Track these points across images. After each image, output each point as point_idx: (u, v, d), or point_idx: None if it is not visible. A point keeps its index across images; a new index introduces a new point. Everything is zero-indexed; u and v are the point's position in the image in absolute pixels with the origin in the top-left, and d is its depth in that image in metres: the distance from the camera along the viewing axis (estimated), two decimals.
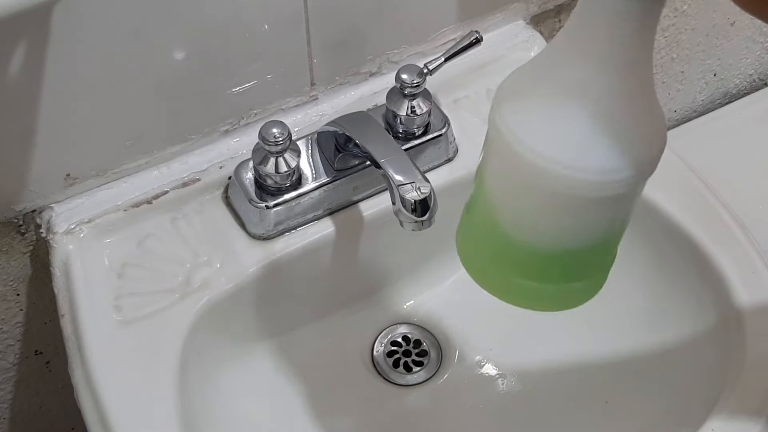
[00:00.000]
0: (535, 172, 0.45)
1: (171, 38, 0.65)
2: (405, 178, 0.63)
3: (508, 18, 0.83)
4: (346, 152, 0.70)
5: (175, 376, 0.63)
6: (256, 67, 0.71)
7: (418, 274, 0.80)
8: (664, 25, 1.02)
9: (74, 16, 0.60)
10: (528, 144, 0.45)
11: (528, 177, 0.46)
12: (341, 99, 0.77)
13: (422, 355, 0.78)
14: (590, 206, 0.47)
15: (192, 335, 0.66)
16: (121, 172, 0.72)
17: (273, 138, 0.66)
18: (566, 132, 0.44)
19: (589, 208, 0.47)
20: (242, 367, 0.73)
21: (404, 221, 0.63)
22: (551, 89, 0.45)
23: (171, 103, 0.69)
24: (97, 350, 0.64)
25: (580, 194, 0.46)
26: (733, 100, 1.20)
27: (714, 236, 0.70)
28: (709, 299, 0.69)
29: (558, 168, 0.45)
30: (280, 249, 0.70)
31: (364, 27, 0.74)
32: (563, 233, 0.48)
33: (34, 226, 0.72)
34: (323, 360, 0.76)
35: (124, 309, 0.66)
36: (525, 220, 0.48)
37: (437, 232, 0.67)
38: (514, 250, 0.50)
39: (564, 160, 0.45)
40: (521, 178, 0.47)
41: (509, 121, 0.46)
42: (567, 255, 0.49)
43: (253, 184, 0.70)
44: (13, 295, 0.77)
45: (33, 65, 0.61)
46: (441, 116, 0.75)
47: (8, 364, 0.83)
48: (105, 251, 0.69)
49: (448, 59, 0.72)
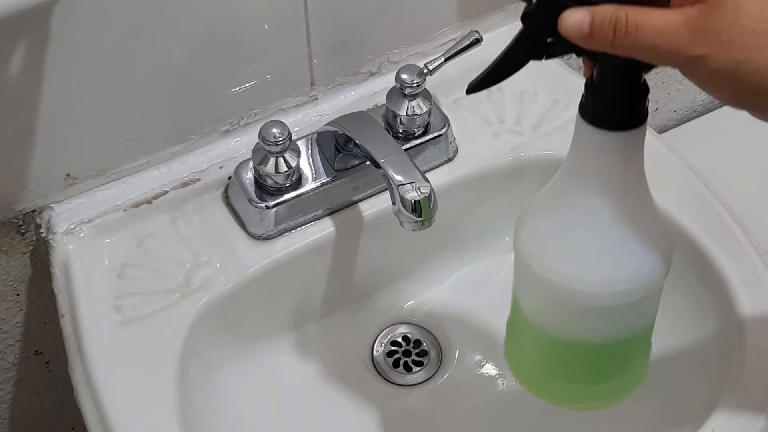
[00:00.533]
0: (562, 292, 0.52)
1: (171, 38, 0.65)
2: (405, 178, 0.63)
3: (508, 18, 0.83)
4: (346, 152, 0.70)
5: (175, 376, 0.63)
6: (256, 67, 0.71)
7: (418, 274, 0.80)
8: None
9: (74, 16, 0.60)
10: (547, 267, 0.52)
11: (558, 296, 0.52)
12: (341, 99, 0.77)
13: (422, 355, 0.78)
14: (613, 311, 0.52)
15: (192, 335, 0.66)
16: (121, 172, 0.72)
17: (273, 138, 0.66)
18: (579, 253, 0.50)
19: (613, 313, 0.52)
20: (242, 367, 0.73)
21: (404, 221, 0.63)
22: (560, 217, 0.51)
23: (171, 103, 0.69)
24: (97, 350, 0.64)
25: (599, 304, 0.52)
26: None
27: (714, 236, 0.70)
28: (709, 299, 0.69)
29: (581, 286, 0.51)
30: (280, 249, 0.70)
31: (364, 27, 0.74)
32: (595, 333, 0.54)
33: (34, 226, 0.72)
34: (323, 360, 0.76)
35: (124, 309, 0.66)
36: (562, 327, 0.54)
37: (437, 232, 0.67)
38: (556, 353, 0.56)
39: (585, 279, 0.51)
40: (553, 298, 0.53)
41: (529, 249, 0.53)
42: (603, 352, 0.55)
43: (253, 184, 0.70)
44: (13, 295, 0.77)
45: (33, 65, 0.61)
46: (441, 116, 0.75)
47: (8, 364, 0.83)
48: (105, 251, 0.69)
49: (448, 59, 0.72)
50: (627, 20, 0.42)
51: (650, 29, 0.41)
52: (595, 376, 0.57)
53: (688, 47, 0.41)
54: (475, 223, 0.79)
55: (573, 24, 0.43)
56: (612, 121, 0.47)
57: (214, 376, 0.70)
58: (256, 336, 0.74)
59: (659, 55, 0.42)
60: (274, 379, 0.74)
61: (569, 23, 0.43)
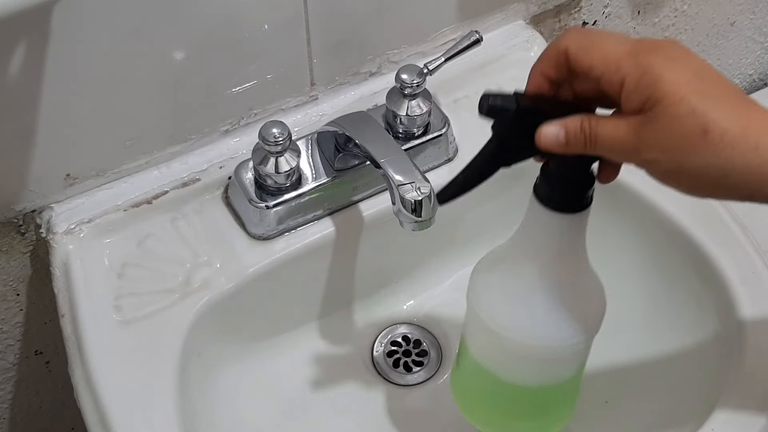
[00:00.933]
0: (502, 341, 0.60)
1: (171, 38, 0.65)
2: (405, 178, 0.63)
3: (508, 18, 0.83)
4: (346, 152, 0.70)
5: (175, 376, 0.63)
6: (256, 67, 0.71)
7: (418, 274, 0.80)
8: (664, 25, 1.02)
9: (74, 16, 0.60)
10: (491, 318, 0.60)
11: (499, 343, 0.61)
12: (341, 99, 0.77)
13: (422, 355, 0.78)
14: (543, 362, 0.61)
15: (192, 335, 0.66)
16: (121, 172, 0.72)
17: (273, 138, 0.66)
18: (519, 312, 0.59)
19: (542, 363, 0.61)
20: (242, 367, 0.73)
21: (404, 221, 0.63)
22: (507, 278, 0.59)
23: (171, 103, 0.69)
24: (97, 350, 0.64)
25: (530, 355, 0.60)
26: None
27: (714, 236, 0.70)
28: (709, 299, 0.69)
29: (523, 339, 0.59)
30: (280, 249, 0.70)
31: (364, 27, 0.74)
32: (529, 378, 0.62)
33: (34, 226, 0.72)
34: (323, 360, 0.76)
35: (124, 309, 0.66)
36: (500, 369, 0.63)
37: (437, 232, 0.67)
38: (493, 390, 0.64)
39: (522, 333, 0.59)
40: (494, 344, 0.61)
41: (479, 299, 0.61)
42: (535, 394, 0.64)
43: (253, 184, 0.70)
44: (13, 295, 0.77)
45: (33, 65, 0.61)
46: (441, 116, 0.75)
47: (8, 364, 0.83)
48: (105, 251, 0.69)
49: (448, 59, 0.72)
50: (590, 129, 0.48)
51: (607, 138, 0.48)
52: (524, 413, 0.65)
53: (640, 152, 0.47)
54: (475, 223, 0.79)
55: (550, 137, 0.50)
56: (561, 206, 0.54)
57: (214, 376, 0.70)
58: (256, 336, 0.74)
59: (619, 157, 0.49)
60: (274, 379, 0.74)
61: (547, 137, 0.50)
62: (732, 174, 0.46)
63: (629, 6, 0.96)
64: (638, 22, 0.99)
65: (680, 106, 0.46)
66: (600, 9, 0.93)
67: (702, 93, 0.46)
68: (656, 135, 0.46)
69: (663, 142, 0.46)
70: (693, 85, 0.46)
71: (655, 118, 0.46)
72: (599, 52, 0.49)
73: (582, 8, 0.91)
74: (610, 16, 0.95)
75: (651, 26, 1.01)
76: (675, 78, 0.46)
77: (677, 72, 0.46)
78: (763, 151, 0.45)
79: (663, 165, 0.47)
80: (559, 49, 0.50)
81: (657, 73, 0.46)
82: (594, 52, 0.49)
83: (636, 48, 0.48)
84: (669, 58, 0.47)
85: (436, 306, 0.80)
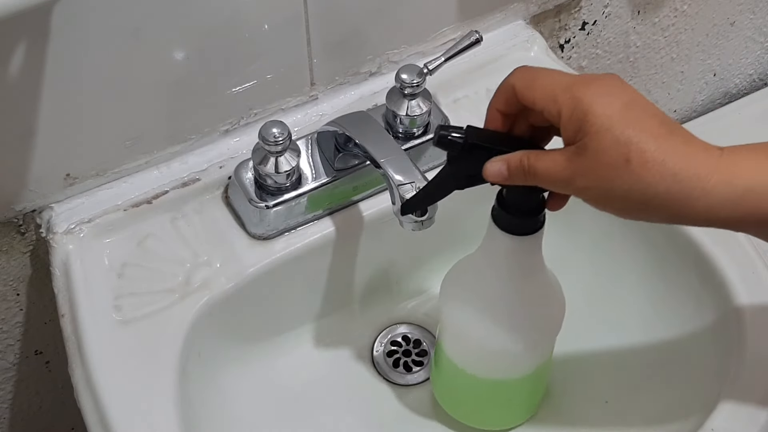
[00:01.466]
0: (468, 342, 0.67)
1: (171, 38, 0.65)
2: (405, 178, 0.63)
3: (508, 18, 0.83)
4: (346, 152, 0.70)
5: (175, 376, 0.63)
6: (256, 67, 0.71)
7: (418, 274, 0.80)
8: (664, 25, 1.02)
9: (74, 16, 0.60)
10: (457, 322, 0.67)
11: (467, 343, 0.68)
12: (341, 99, 0.77)
13: (422, 355, 0.78)
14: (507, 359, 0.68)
15: (192, 335, 0.66)
16: (121, 172, 0.72)
17: (273, 138, 0.66)
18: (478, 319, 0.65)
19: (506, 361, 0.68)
20: (242, 367, 0.73)
21: (404, 221, 0.63)
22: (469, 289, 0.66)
23: (171, 103, 0.69)
24: (97, 350, 0.64)
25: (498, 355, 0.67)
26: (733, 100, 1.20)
27: (714, 236, 0.70)
28: (709, 299, 0.69)
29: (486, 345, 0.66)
30: (280, 249, 0.70)
31: (364, 27, 0.74)
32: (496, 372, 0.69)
33: (34, 226, 0.72)
34: (323, 360, 0.76)
35: (124, 309, 0.66)
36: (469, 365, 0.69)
37: (437, 232, 0.67)
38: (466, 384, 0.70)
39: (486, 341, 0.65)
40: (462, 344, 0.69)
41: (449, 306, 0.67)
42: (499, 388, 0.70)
43: (253, 184, 0.70)
44: (13, 295, 0.77)
45: (33, 65, 0.61)
46: (441, 116, 0.75)
47: (8, 364, 0.83)
48: (105, 251, 0.69)
49: (448, 59, 0.72)
50: (529, 165, 0.53)
51: (543, 171, 0.53)
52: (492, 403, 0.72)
53: (573, 182, 0.52)
54: (475, 223, 0.79)
55: (494, 172, 0.55)
56: (514, 229, 0.59)
57: (214, 375, 0.70)
58: (256, 336, 0.74)
59: (556, 188, 0.54)
60: (274, 379, 0.74)
61: (491, 171, 0.55)
62: (654, 199, 0.50)
63: (629, 6, 0.96)
64: (638, 22, 0.99)
65: (606, 137, 0.50)
66: (600, 9, 0.93)
67: (627, 124, 0.50)
68: (586, 165, 0.51)
69: (592, 171, 0.50)
70: (619, 117, 0.50)
71: (585, 149, 0.50)
72: (540, 88, 0.53)
73: (582, 8, 0.91)
74: (610, 16, 0.95)
75: (651, 26, 1.01)
76: (602, 110, 0.50)
77: (605, 104, 0.50)
78: (681, 178, 0.49)
79: (593, 192, 0.51)
80: (507, 87, 0.55)
81: (587, 106, 0.50)
82: (536, 88, 0.53)
83: (572, 82, 0.52)
84: (599, 92, 0.51)
85: (436, 306, 0.80)
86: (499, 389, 0.70)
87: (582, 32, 0.94)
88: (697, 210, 0.50)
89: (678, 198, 0.50)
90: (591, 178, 0.51)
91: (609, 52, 1.00)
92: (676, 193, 0.50)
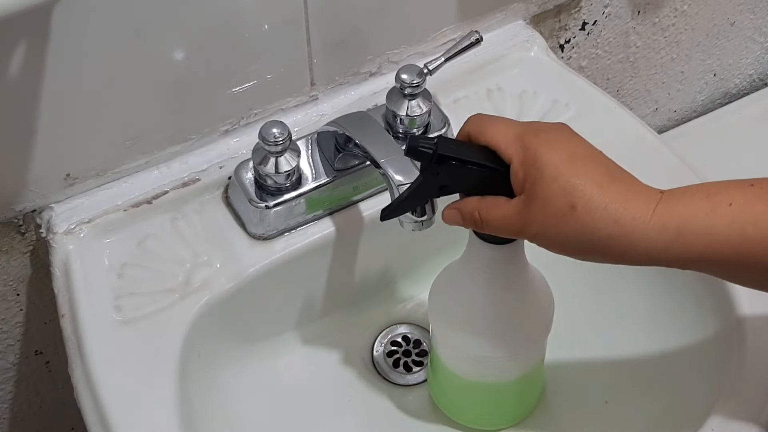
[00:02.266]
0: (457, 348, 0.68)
1: (171, 38, 0.65)
2: (405, 178, 0.63)
3: (508, 18, 0.83)
4: (346, 152, 0.70)
5: (175, 376, 0.63)
6: (256, 67, 0.71)
7: (418, 275, 0.80)
8: (664, 25, 1.02)
9: (74, 16, 0.60)
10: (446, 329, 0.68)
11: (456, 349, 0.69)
12: (341, 99, 0.77)
13: (422, 355, 0.78)
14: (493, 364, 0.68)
15: (192, 335, 0.66)
16: (121, 172, 0.72)
17: (273, 138, 0.66)
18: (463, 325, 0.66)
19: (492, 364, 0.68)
20: (242, 367, 0.73)
21: (404, 221, 0.63)
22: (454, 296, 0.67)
23: (171, 103, 0.69)
24: (97, 350, 0.64)
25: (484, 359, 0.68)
26: (733, 100, 1.20)
27: None
28: (708, 299, 0.69)
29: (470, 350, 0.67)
30: (280, 249, 0.70)
31: (364, 27, 0.74)
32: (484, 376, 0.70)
33: (34, 226, 0.72)
34: (323, 360, 0.76)
35: (124, 309, 0.66)
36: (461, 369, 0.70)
37: (437, 232, 0.67)
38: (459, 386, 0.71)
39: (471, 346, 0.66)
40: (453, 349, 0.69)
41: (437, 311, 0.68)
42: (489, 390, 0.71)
43: (253, 184, 0.70)
44: (13, 295, 0.77)
45: (33, 65, 0.61)
46: (441, 116, 0.75)
47: (8, 364, 0.83)
48: (105, 251, 0.69)
49: (448, 59, 0.72)
50: (480, 217, 0.56)
51: (495, 222, 0.56)
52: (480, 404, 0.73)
53: (524, 230, 0.55)
54: None
55: (450, 218, 0.59)
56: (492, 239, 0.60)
57: (214, 375, 0.70)
58: (256, 336, 0.74)
59: (509, 235, 0.57)
60: (274, 379, 0.74)
61: (448, 217, 0.59)
62: (598, 242, 0.52)
63: (629, 6, 0.96)
64: (638, 22, 0.99)
65: (553, 185, 0.52)
66: (600, 9, 0.93)
67: (572, 173, 0.53)
68: (534, 214, 0.53)
69: (541, 219, 0.53)
70: (564, 166, 0.53)
71: (534, 198, 0.53)
72: (492, 135, 0.56)
73: (582, 8, 0.91)
74: (610, 16, 0.95)
75: (651, 26, 1.01)
76: (550, 159, 0.53)
77: (553, 154, 0.53)
78: (622, 223, 0.52)
79: (544, 238, 0.54)
80: (464, 134, 0.58)
81: (535, 155, 0.53)
82: (488, 135, 0.56)
83: (522, 131, 0.55)
84: (547, 141, 0.54)
85: None
86: (488, 391, 0.71)
87: (582, 32, 0.94)
88: (638, 252, 0.53)
89: (621, 242, 0.52)
90: (540, 225, 0.53)
91: (609, 52, 1.00)
92: (619, 237, 0.52)
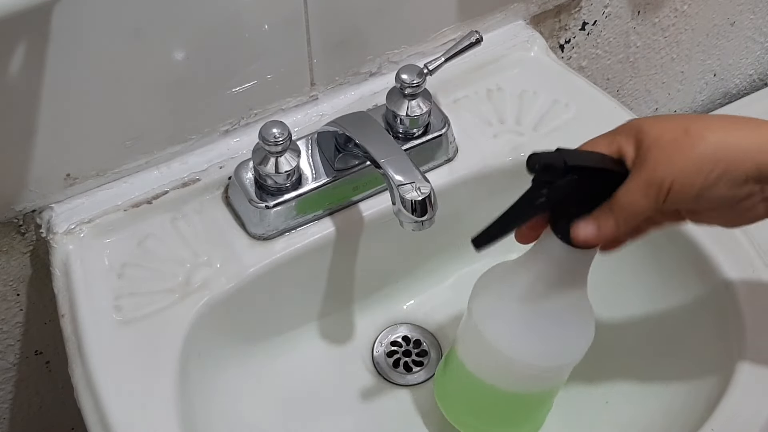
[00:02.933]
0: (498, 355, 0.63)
1: (171, 38, 0.65)
2: (405, 178, 0.63)
3: (508, 18, 0.83)
4: (346, 152, 0.70)
5: (175, 376, 0.63)
6: (256, 67, 0.71)
7: (418, 274, 0.80)
8: (664, 25, 1.02)
9: (74, 16, 0.60)
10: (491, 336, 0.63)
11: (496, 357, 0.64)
12: (341, 99, 0.77)
13: (422, 355, 0.78)
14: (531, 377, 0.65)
15: (192, 335, 0.66)
16: (121, 172, 0.72)
17: (273, 138, 0.66)
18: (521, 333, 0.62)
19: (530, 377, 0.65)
20: (242, 367, 0.73)
21: (404, 221, 0.63)
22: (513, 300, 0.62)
23: (171, 103, 0.69)
24: (97, 350, 0.64)
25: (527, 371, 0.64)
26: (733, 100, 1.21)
27: (714, 236, 0.70)
28: (709, 299, 0.69)
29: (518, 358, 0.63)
30: (280, 249, 0.70)
31: (364, 27, 0.74)
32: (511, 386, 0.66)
33: (34, 226, 0.72)
34: (323, 360, 0.77)
35: (124, 309, 0.66)
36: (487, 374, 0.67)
37: (437, 232, 0.67)
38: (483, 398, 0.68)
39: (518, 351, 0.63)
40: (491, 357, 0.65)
41: (482, 318, 0.64)
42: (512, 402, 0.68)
43: (253, 184, 0.70)
44: (13, 295, 0.77)
45: (33, 65, 0.61)
46: (441, 116, 0.75)
47: (8, 364, 0.83)
48: (105, 251, 0.69)
49: (448, 59, 0.72)
50: (617, 220, 0.54)
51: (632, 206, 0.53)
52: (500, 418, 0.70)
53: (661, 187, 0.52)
54: (475, 223, 0.79)
55: (586, 236, 0.55)
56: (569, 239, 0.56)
57: (214, 376, 0.70)
58: (256, 336, 0.74)
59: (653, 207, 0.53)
60: (274, 379, 0.74)
61: (582, 236, 0.55)
62: (729, 150, 0.52)
63: (629, 6, 0.96)
64: (638, 22, 0.99)
65: (659, 128, 0.53)
66: (600, 9, 0.93)
67: (673, 117, 0.54)
68: (656, 160, 0.52)
69: (663, 159, 0.52)
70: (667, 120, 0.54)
71: (648, 148, 0.53)
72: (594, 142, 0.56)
73: (582, 8, 0.91)
74: (610, 16, 0.95)
75: (651, 26, 1.01)
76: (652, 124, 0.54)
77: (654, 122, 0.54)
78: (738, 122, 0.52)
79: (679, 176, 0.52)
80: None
81: (638, 129, 0.54)
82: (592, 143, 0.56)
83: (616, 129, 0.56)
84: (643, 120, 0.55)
85: (436, 306, 0.80)
86: (503, 400, 0.68)
87: (582, 32, 0.94)
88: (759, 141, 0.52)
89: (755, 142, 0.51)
90: (666, 165, 0.52)
91: (609, 52, 1.00)
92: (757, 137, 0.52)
